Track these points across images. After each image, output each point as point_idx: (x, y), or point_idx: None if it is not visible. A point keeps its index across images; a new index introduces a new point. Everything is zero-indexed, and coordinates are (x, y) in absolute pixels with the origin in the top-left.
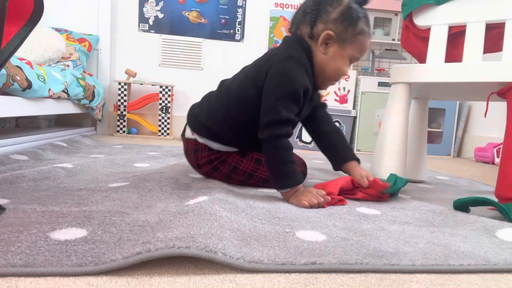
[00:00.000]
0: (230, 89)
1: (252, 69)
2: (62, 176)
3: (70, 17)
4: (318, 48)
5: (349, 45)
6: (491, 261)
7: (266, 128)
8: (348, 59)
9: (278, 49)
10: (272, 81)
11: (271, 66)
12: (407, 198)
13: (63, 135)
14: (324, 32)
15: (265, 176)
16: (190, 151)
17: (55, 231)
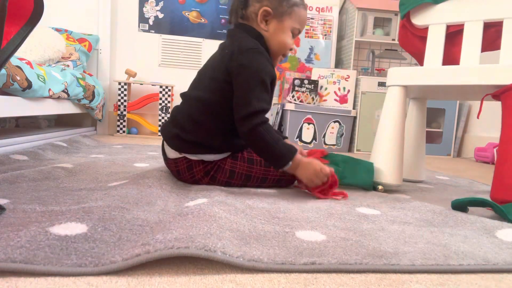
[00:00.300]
0: (203, 99)
1: (216, 71)
2: (62, 176)
3: (70, 17)
4: (259, 26)
5: (287, 17)
6: (490, 261)
7: (243, 122)
8: (289, 31)
9: (232, 44)
10: (238, 76)
11: (233, 63)
12: (407, 198)
13: (63, 135)
14: (261, 9)
15: (262, 175)
16: (183, 170)
17: (54, 226)
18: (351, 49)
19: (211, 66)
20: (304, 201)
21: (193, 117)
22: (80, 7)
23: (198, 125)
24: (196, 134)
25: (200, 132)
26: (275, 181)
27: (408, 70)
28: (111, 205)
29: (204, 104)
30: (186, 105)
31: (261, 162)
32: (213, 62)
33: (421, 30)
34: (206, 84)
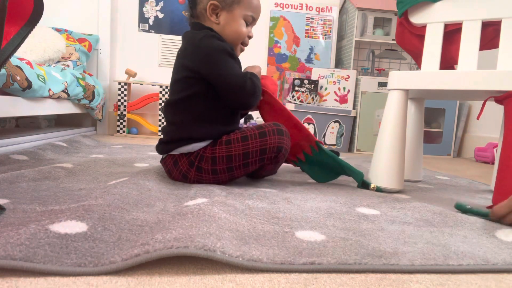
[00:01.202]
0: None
1: (177, 73)
2: (62, 176)
3: (70, 17)
4: (210, 21)
5: (236, 6)
6: (490, 261)
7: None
8: (241, 19)
9: (187, 43)
10: (205, 64)
11: (194, 53)
12: (407, 198)
13: (63, 135)
14: (208, 3)
15: (259, 147)
16: (171, 167)
17: (54, 224)
18: (351, 49)
19: (174, 70)
20: (303, 201)
21: (170, 120)
22: (80, 7)
23: (175, 125)
24: (173, 133)
25: (177, 130)
26: (258, 153)
27: (409, 74)
28: (111, 204)
29: (174, 105)
30: (165, 115)
31: (237, 140)
32: (174, 67)
33: (419, 28)
34: (174, 87)
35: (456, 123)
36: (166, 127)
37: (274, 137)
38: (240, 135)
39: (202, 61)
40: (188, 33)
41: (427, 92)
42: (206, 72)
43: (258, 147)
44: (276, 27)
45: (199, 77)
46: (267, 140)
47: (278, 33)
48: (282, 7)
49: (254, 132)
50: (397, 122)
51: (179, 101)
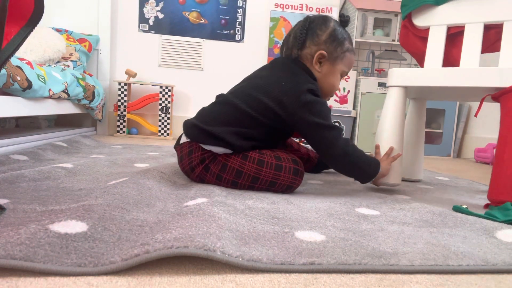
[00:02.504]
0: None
1: (268, 98)
2: (62, 176)
3: (70, 17)
4: (313, 67)
5: (339, 62)
6: (490, 262)
7: (335, 143)
8: (339, 74)
9: (288, 77)
10: (310, 114)
11: (296, 104)
12: (407, 199)
13: (63, 135)
14: (318, 52)
15: (271, 178)
16: (184, 155)
17: (54, 223)
18: None
19: (263, 90)
20: (303, 202)
21: (223, 118)
22: (80, 7)
23: (224, 124)
24: (216, 129)
25: (222, 129)
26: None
27: (409, 71)
28: (111, 204)
29: (241, 114)
30: (219, 108)
31: (253, 160)
32: (266, 85)
33: (422, 31)
34: (253, 103)
35: (456, 124)
36: (212, 119)
37: (288, 175)
38: (258, 157)
39: (307, 109)
40: (297, 71)
41: (427, 91)
42: (305, 123)
43: (269, 178)
44: (276, 27)
45: (290, 122)
46: (281, 175)
47: (278, 33)
48: (282, 8)
49: (272, 161)
50: (395, 119)
51: (248, 117)
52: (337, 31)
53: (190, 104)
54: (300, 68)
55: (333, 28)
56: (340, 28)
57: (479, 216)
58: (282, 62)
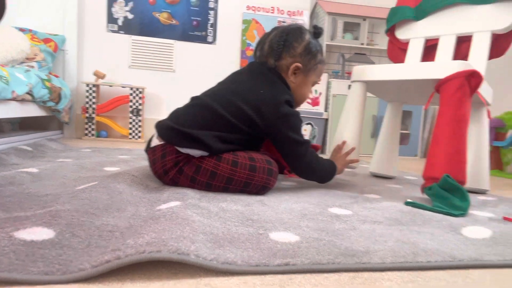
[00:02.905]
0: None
1: (245, 104)
2: (27, 181)
3: (34, 16)
4: (288, 78)
5: (312, 73)
6: (457, 258)
7: (302, 159)
8: (310, 84)
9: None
10: (284, 126)
11: (274, 114)
12: (378, 198)
13: (28, 139)
14: (294, 64)
15: (245, 179)
16: (157, 158)
17: (19, 231)
18: None
19: (241, 96)
20: (277, 203)
21: (200, 120)
22: (45, 6)
23: (201, 127)
24: (194, 131)
25: (200, 131)
26: (241, 184)
27: (368, 68)
28: (79, 209)
29: (219, 118)
30: (196, 110)
31: (228, 161)
32: (245, 94)
33: (404, 43)
34: (231, 108)
35: (422, 125)
36: (189, 120)
37: (263, 175)
38: (232, 158)
39: (283, 121)
40: (275, 79)
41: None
42: (280, 133)
43: (244, 179)
44: (248, 29)
45: (265, 129)
46: (255, 176)
47: (250, 35)
48: (254, 10)
49: (246, 162)
50: (356, 108)
51: (226, 121)
52: (311, 44)
53: (162, 106)
54: (277, 78)
55: (308, 41)
56: (314, 41)
57: (429, 209)
58: (260, 70)
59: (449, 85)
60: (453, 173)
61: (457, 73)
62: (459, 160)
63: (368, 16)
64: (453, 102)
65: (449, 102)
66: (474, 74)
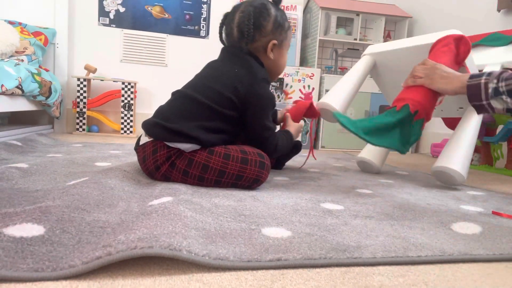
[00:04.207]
0: (204, 104)
1: (224, 88)
2: (17, 176)
3: (24, 9)
4: (267, 56)
5: (285, 42)
6: (447, 252)
7: (264, 142)
8: (286, 52)
9: (245, 69)
10: (257, 104)
11: (251, 88)
12: (369, 193)
13: (18, 134)
14: (270, 43)
15: (237, 172)
16: (148, 155)
17: (8, 227)
18: (315, 48)
19: (218, 80)
20: (270, 198)
21: (184, 113)
22: None
23: (186, 119)
24: (181, 125)
25: (186, 124)
26: (233, 177)
27: (378, 45)
28: (70, 205)
29: (201, 107)
30: (178, 103)
31: (220, 154)
32: (221, 76)
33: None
34: (210, 94)
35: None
36: (171, 115)
37: (254, 168)
38: (224, 151)
39: (256, 101)
40: (248, 60)
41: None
42: (251, 111)
43: (235, 171)
44: None
45: (240, 107)
46: (247, 168)
47: None
48: None
49: (238, 154)
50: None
51: (208, 109)
52: (278, 16)
53: (154, 101)
54: (252, 59)
55: (275, 15)
56: (278, 11)
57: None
58: (234, 53)
59: (437, 44)
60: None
61: (446, 36)
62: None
63: (361, 12)
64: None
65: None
66: (462, 39)
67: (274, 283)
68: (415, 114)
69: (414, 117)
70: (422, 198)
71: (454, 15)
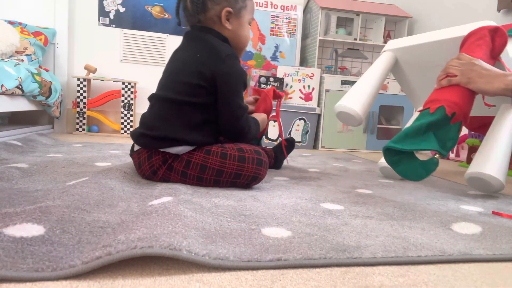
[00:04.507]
0: (177, 101)
1: (190, 76)
2: (17, 176)
3: (24, 9)
4: (223, 27)
5: (244, 12)
6: (447, 252)
7: (238, 122)
8: (247, 24)
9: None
10: (225, 83)
11: (216, 69)
12: (370, 193)
13: (18, 134)
14: (223, 10)
15: (235, 170)
16: (143, 160)
17: (8, 227)
18: (315, 48)
19: (182, 70)
20: (270, 198)
21: (164, 116)
22: None
23: (168, 122)
24: (166, 131)
25: (170, 128)
26: (232, 175)
27: (399, 40)
28: (70, 205)
29: (177, 105)
30: (156, 108)
31: (217, 154)
32: (184, 66)
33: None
34: (180, 88)
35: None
36: (154, 121)
37: (252, 166)
38: (221, 150)
39: (223, 79)
40: (208, 38)
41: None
42: (220, 90)
43: (234, 170)
44: None
45: (211, 90)
46: (244, 166)
47: None
48: None
49: (235, 153)
50: (374, 68)
51: (184, 104)
52: None
53: None
54: (210, 35)
55: None
56: None
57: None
58: (192, 36)
59: (470, 37)
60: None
61: (480, 27)
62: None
63: (361, 12)
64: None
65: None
66: (498, 30)
67: (274, 283)
68: (452, 116)
69: (451, 120)
70: (422, 198)
71: (454, 15)
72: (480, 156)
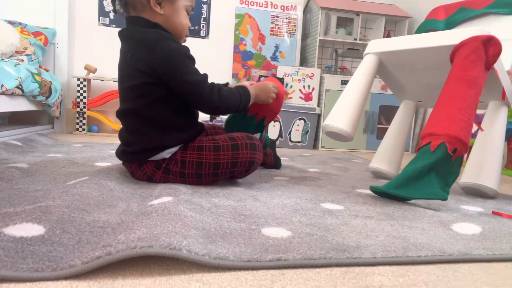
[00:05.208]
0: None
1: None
2: (17, 176)
3: (24, 9)
4: (153, 11)
5: None
6: (447, 252)
7: (199, 101)
8: (184, 11)
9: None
10: (167, 68)
11: (151, 60)
12: (370, 193)
13: (18, 134)
14: None
15: (231, 159)
16: (135, 169)
17: (8, 227)
18: (315, 48)
19: (125, 76)
20: (270, 198)
21: (134, 129)
22: None
23: (140, 134)
24: (141, 142)
25: (145, 139)
26: (229, 165)
27: (383, 40)
28: (70, 205)
29: (134, 114)
30: (124, 123)
31: (209, 148)
32: (123, 71)
33: None
34: (130, 95)
35: (414, 120)
36: (128, 136)
37: (246, 151)
38: (213, 144)
39: (162, 66)
40: (134, 32)
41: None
42: (167, 78)
43: (229, 159)
44: (242, 24)
45: (159, 82)
46: (239, 153)
47: (244, 30)
48: (247, 5)
49: (227, 143)
50: (360, 77)
51: (140, 109)
52: None
53: None
54: (137, 27)
55: None
56: None
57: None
58: (122, 35)
59: (463, 49)
60: (453, 130)
61: (473, 37)
62: (461, 118)
63: (361, 12)
64: (465, 64)
65: (460, 64)
66: (491, 40)
67: (274, 283)
68: (454, 153)
69: (453, 157)
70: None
71: None
72: (473, 164)
